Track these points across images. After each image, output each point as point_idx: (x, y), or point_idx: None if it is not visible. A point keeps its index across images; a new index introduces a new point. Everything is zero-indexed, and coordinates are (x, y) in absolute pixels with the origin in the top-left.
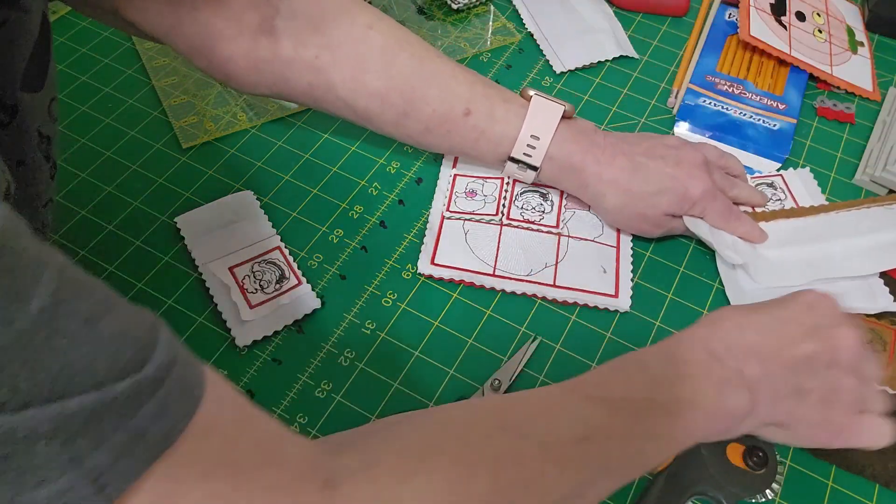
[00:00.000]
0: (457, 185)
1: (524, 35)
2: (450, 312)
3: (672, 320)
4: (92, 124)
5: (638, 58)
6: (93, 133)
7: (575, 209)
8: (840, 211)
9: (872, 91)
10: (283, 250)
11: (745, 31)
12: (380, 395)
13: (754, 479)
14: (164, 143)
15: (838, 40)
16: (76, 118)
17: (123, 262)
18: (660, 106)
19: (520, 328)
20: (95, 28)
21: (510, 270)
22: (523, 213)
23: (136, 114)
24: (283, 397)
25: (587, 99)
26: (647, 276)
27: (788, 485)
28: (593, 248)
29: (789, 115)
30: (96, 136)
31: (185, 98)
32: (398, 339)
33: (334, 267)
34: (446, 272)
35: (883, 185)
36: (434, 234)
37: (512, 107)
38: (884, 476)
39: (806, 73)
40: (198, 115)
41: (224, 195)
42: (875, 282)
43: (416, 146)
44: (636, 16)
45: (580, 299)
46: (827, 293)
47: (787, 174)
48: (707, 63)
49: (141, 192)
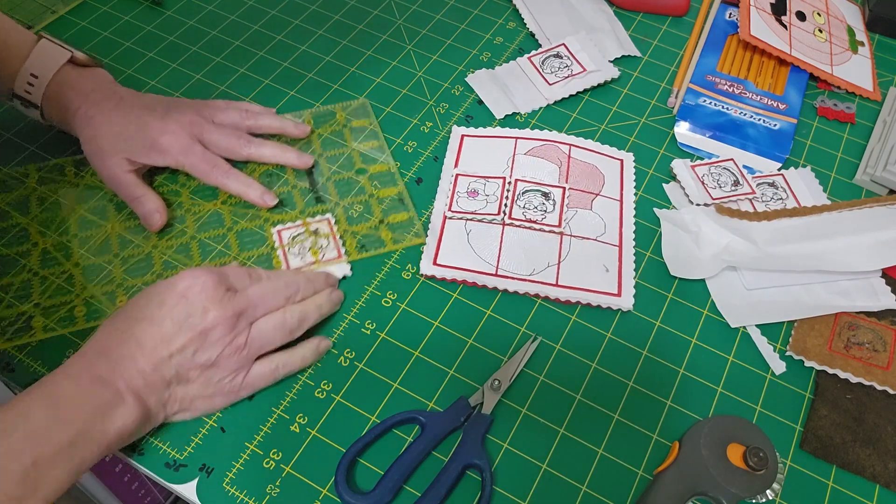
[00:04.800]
0: (459, 185)
1: (525, 34)
2: (450, 312)
3: (672, 320)
4: None
5: (639, 57)
6: None
7: (577, 209)
8: (842, 210)
9: (873, 91)
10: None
11: (746, 31)
12: (380, 395)
13: (755, 479)
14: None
15: (839, 40)
16: None
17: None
18: (660, 106)
19: (520, 328)
20: (95, 27)
21: (513, 270)
22: (525, 212)
23: None
24: (283, 397)
25: (587, 99)
26: (647, 275)
27: (789, 485)
28: (595, 247)
29: (790, 115)
30: None
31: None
32: (398, 339)
33: None
34: (449, 272)
35: (883, 184)
36: (436, 235)
37: (21, 46)
38: (884, 476)
39: (806, 73)
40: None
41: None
42: (877, 280)
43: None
44: (636, 15)
45: (583, 298)
46: (202, 272)
47: (789, 174)
48: (707, 63)
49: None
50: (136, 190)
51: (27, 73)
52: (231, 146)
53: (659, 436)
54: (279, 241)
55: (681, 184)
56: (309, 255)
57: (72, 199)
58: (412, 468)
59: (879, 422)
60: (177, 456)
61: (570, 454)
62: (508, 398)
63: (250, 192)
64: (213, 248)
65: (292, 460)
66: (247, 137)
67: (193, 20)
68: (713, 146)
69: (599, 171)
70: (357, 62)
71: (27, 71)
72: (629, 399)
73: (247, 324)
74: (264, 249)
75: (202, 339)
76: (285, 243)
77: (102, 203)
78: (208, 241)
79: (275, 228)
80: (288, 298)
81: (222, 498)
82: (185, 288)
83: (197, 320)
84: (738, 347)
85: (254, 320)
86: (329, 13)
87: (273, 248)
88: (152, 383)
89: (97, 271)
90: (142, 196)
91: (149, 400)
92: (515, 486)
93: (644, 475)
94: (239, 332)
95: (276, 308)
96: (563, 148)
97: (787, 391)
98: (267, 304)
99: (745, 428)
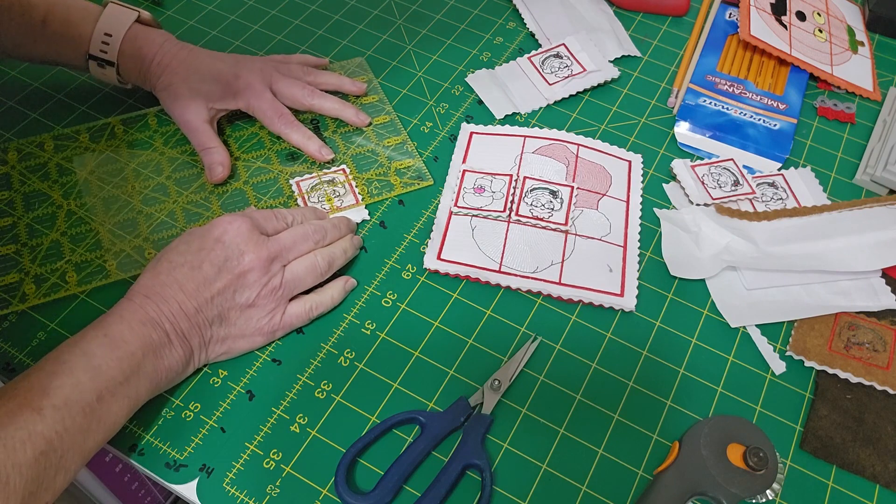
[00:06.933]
0: (465, 181)
1: (525, 34)
2: (450, 312)
3: (672, 320)
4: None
5: (639, 57)
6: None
7: (583, 208)
8: (842, 210)
9: (873, 91)
10: None
11: (746, 31)
12: (380, 395)
13: (755, 479)
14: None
15: (839, 40)
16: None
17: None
18: (660, 105)
19: (520, 328)
20: None
21: (516, 267)
22: (532, 209)
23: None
24: (283, 397)
25: (587, 99)
26: (647, 276)
27: (789, 485)
28: (600, 246)
29: (790, 115)
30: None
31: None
32: (398, 339)
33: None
34: (452, 268)
35: (883, 184)
36: (441, 230)
37: (89, 13)
38: (884, 476)
39: (806, 73)
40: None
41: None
42: (877, 280)
43: (19, 59)
44: (636, 15)
45: (585, 297)
46: (235, 218)
47: (789, 174)
48: (707, 63)
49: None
50: (210, 141)
51: (101, 33)
52: (296, 96)
53: (659, 436)
54: (298, 190)
55: (681, 184)
56: (327, 203)
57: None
58: (412, 468)
59: (879, 422)
60: (177, 456)
61: (570, 454)
62: (508, 398)
63: (310, 144)
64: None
65: (292, 460)
66: (310, 88)
67: (193, 20)
68: (713, 146)
69: (607, 172)
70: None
71: (101, 31)
72: (629, 399)
73: (280, 266)
74: (282, 200)
75: (240, 280)
76: (305, 192)
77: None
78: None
79: (293, 179)
80: (317, 243)
81: (222, 498)
82: (220, 233)
83: (234, 263)
84: (738, 347)
85: (286, 263)
86: (329, 13)
87: (293, 198)
88: (196, 324)
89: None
90: (213, 147)
91: (192, 341)
92: (515, 486)
93: (644, 475)
94: (274, 274)
95: (306, 252)
96: (571, 147)
97: (787, 391)
98: (298, 248)
99: (745, 428)
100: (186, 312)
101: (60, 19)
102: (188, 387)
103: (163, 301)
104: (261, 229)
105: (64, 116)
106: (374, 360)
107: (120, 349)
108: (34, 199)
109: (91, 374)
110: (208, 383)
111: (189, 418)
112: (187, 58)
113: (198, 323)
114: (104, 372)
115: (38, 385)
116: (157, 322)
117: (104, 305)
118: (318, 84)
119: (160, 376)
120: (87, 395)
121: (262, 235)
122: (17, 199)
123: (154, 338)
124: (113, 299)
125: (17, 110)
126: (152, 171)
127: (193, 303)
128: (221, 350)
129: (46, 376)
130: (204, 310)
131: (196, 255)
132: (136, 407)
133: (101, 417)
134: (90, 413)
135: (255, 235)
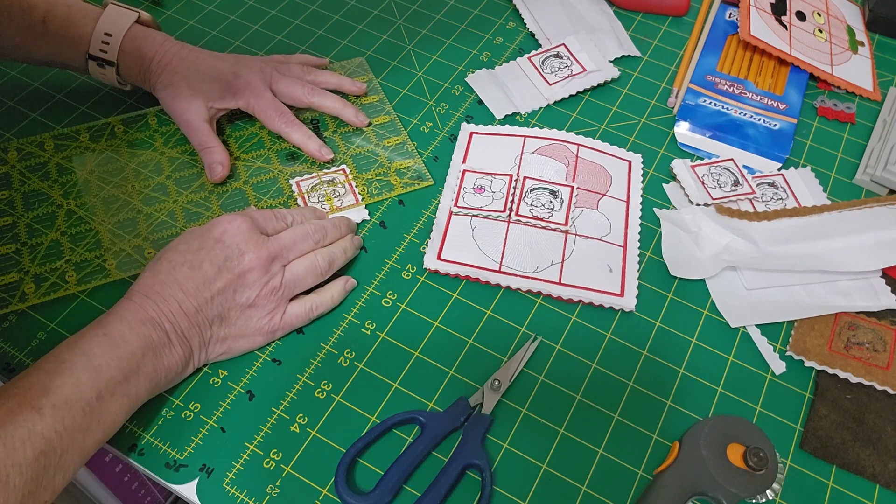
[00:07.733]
0: (465, 181)
1: (525, 34)
2: (450, 312)
3: (672, 320)
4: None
5: (639, 57)
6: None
7: (583, 208)
8: (842, 210)
9: (873, 91)
10: None
11: (746, 31)
12: (380, 395)
13: (755, 479)
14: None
15: (839, 40)
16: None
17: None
18: (660, 106)
19: (520, 328)
20: None
21: (516, 267)
22: (532, 209)
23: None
24: (283, 397)
25: (587, 99)
26: (647, 276)
27: (789, 485)
28: (600, 246)
29: (790, 115)
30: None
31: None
32: (398, 339)
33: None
34: (452, 267)
35: (883, 184)
36: (441, 230)
37: (89, 14)
38: (884, 476)
39: (806, 73)
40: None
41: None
42: (877, 280)
43: (19, 61)
44: (636, 15)
45: (585, 297)
46: (235, 217)
47: (789, 174)
48: (707, 63)
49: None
50: (210, 140)
51: (101, 32)
52: (296, 94)
53: (659, 436)
54: (298, 190)
55: (681, 184)
56: (327, 202)
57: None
58: (412, 468)
59: (879, 422)
60: (177, 456)
61: (570, 454)
62: (508, 398)
63: (310, 143)
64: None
65: (292, 460)
66: (310, 87)
67: (193, 20)
68: (713, 146)
69: (607, 172)
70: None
71: (101, 31)
72: (629, 399)
73: (280, 266)
74: (282, 200)
75: (240, 280)
76: (304, 191)
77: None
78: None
79: (293, 179)
80: (317, 242)
81: (222, 498)
82: (220, 233)
83: (234, 263)
84: (738, 347)
85: (286, 263)
86: (329, 13)
87: (292, 198)
88: (196, 324)
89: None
90: (212, 147)
91: (192, 340)
92: (515, 486)
93: (644, 475)
94: (274, 274)
95: (306, 251)
96: (571, 147)
97: (787, 391)
98: (298, 248)
99: (745, 428)
100: (186, 312)
101: (60, 19)
102: (188, 387)
103: (162, 300)
104: (261, 229)
105: (64, 116)
106: (374, 360)
107: (120, 348)
108: (34, 198)
109: (91, 374)
110: (208, 383)
111: (189, 418)
112: (187, 57)
113: (198, 322)
114: (104, 371)
115: (38, 384)
116: (156, 321)
117: (104, 305)
118: (319, 83)
119: (160, 376)
120: (86, 395)
121: (263, 235)
122: (16, 198)
123: (154, 337)
124: (113, 299)
125: (17, 110)
126: (152, 171)
127: (193, 302)
128: (221, 350)
129: (46, 375)
130: (204, 309)
131: (196, 254)
132: (135, 406)
133: (101, 417)
134: (90, 412)
135: (255, 235)
